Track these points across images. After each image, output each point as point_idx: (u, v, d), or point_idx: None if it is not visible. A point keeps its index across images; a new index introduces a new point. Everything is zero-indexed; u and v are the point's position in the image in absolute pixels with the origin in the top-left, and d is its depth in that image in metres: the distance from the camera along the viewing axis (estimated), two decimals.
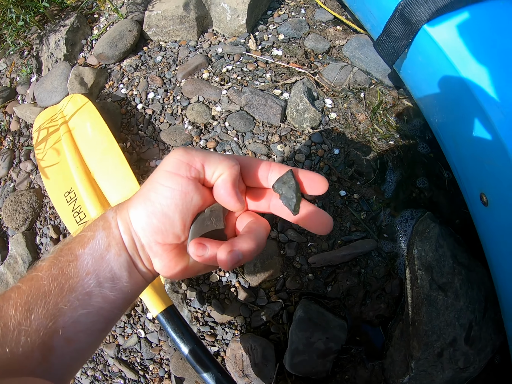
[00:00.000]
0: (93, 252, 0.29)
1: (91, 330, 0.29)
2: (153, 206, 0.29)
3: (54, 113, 0.92)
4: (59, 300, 0.27)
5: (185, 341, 0.61)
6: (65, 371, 0.28)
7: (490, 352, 0.71)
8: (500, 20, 0.59)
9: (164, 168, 0.29)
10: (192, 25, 0.91)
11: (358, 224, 0.73)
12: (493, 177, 0.59)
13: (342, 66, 0.82)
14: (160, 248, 0.30)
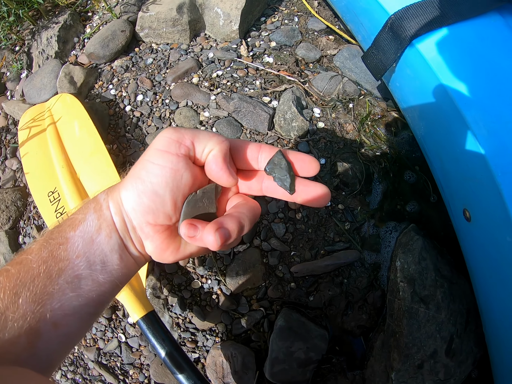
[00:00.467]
0: (84, 234, 0.29)
1: (79, 314, 0.28)
2: (144, 184, 0.28)
3: (42, 111, 0.91)
4: (47, 283, 0.27)
5: (165, 347, 0.60)
6: (52, 357, 0.28)
7: (471, 364, 0.72)
8: (488, 38, 0.60)
9: (154, 146, 0.29)
10: (184, 28, 0.91)
11: (341, 235, 0.73)
12: (476, 193, 0.59)
13: (332, 76, 0.82)
14: (151, 229, 0.30)
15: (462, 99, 0.58)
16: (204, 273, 0.72)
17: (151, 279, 0.73)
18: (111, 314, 0.77)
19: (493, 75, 0.57)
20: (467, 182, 0.61)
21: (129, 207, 0.29)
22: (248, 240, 0.72)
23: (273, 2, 1.00)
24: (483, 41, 0.59)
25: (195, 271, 0.73)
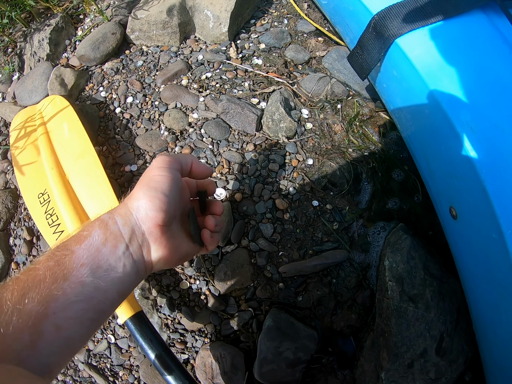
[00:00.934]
0: (89, 246, 0.32)
1: (81, 318, 0.30)
2: (155, 190, 0.35)
3: (33, 113, 0.91)
4: (52, 287, 0.29)
5: (153, 348, 0.60)
6: (52, 359, 0.29)
7: (463, 363, 0.72)
8: (471, 36, 0.60)
9: (155, 165, 0.37)
10: (174, 31, 0.92)
11: (330, 235, 0.73)
12: (461, 191, 0.60)
13: (321, 77, 0.83)
14: (159, 231, 0.35)
15: (446, 98, 0.58)
16: (192, 274, 0.72)
17: None
18: None
19: (477, 73, 0.57)
20: (452, 180, 0.61)
21: (142, 214, 0.35)
22: (236, 240, 0.72)
23: (263, 4, 1.00)
24: (466, 39, 0.60)
25: (184, 272, 0.73)
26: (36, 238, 0.85)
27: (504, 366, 0.60)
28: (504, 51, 0.58)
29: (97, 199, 0.75)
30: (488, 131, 0.54)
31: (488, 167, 0.53)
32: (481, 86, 0.57)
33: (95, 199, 0.75)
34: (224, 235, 0.71)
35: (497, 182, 0.52)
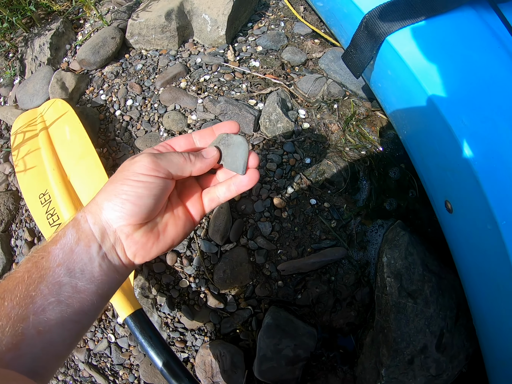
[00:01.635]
0: (64, 246, 0.32)
1: (61, 319, 0.30)
2: (127, 194, 0.32)
3: (34, 116, 0.93)
4: (30, 288, 0.29)
5: (153, 346, 0.61)
6: (38, 365, 0.29)
7: (464, 359, 0.72)
8: (461, 32, 0.61)
9: (135, 170, 0.33)
10: (173, 35, 0.93)
11: (328, 233, 0.74)
12: (455, 184, 0.61)
13: (317, 78, 0.84)
14: (131, 228, 0.33)
15: (437, 93, 0.59)
16: (191, 273, 0.73)
17: (139, 279, 0.74)
18: (100, 315, 0.77)
19: (467, 68, 0.58)
20: (446, 173, 0.62)
21: (111, 215, 0.33)
22: (235, 239, 0.73)
23: (260, 8, 1.02)
24: (456, 35, 0.61)
25: (183, 271, 0.74)
26: (37, 239, 0.86)
27: (505, 360, 0.60)
28: (493, 45, 0.59)
29: None
30: (480, 125, 0.55)
31: (480, 159, 0.54)
32: (471, 81, 0.57)
33: None
34: (222, 234, 0.72)
35: (489, 173, 0.53)
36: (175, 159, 0.35)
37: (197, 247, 0.74)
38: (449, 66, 0.59)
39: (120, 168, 0.35)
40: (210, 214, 0.76)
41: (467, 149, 0.55)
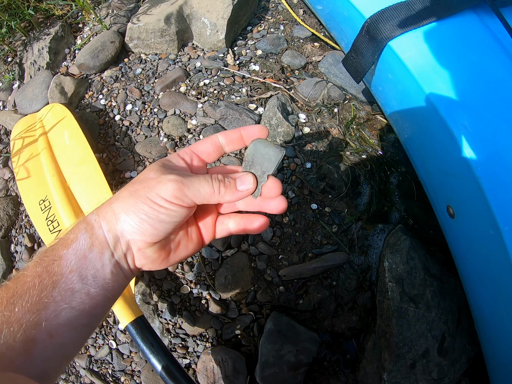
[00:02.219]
0: (76, 252, 0.31)
1: (73, 325, 0.30)
2: (148, 216, 0.32)
3: (33, 121, 0.92)
4: (42, 295, 0.29)
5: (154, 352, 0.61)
6: (48, 366, 0.29)
7: (466, 362, 0.72)
8: (463, 37, 0.61)
9: (159, 193, 0.32)
10: (172, 39, 0.93)
11: (329, 237, 0.74)
12: (458, 189, 0.60)
13: (317, 82, 0.84)
14: (144, 244, 0.33)
15: (439, 97, 0.59)
16: (193, 279, 0.73)
17: (140, 285, 0.74)
18: (101, 321, 0.77)
19: (469, 73, 0.58)
20: (448, 179, 0.62)
21: (127, 228, 0.32)
22: (236, 244, 0.73)
23: (260, 11, 1.02)
24: (458, 39, 0.61)
25: (184, 277, 0.73)
26: (37, 245, 0.85)
27: (507, 364, 0.60)
28: (495, 50, 0.58)
29: (97, 205, 0.75)
30: (482, 129, 0.55)
31: (482, 164, 0.54)
32: (473, 85, 0.57)
33: (95, 206, 0.76)
34: (223, 239, 0.72)
35: (491, 179, 0.53)
36: (203, 189, 0.33)
37: (198, 253, 0.73)
38: (450, 70, 0.59)
39: (143, 179, 0.33)
40: None
41: (468, 154, 0.55)
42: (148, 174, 0.34)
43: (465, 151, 0.56)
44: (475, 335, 0.68)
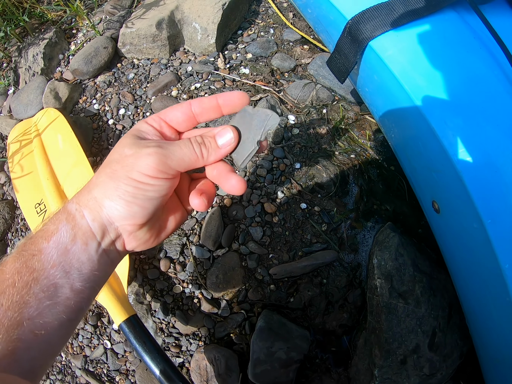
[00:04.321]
0: (58, 245, 0.29)
1: (59, 321, 0.29)
2: (134, 197, 0.30)
3: (29, 126, 0.94)
4: (23, 292, 0.27)
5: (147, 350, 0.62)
6: (35, 364, 0.28)
7: (458, 358, 0.72)
8: (443, 33, 0.62)
9: (140, 170, 0.29)
10: (164, 44, 0.95)
11: (319, 236, 0.75)
12: (441, 185, 0.62)
13: (306, 84, 0.85)
14: (135, 228, 0.31)
15: (419, 95, 0.60)
16: (185, 278, 0.74)
17: (134, 286, 0.75)
18: (96, 321, 0.78)
19: (449, 70, 0.59)
20: (432, 174, 0.63)
21: (115, 214, 0.30)
22: (227, 244, 0.74)
23: (250, 15, 1.04)
24: (438, 37, 0.61)
25: (177, 276, 0.75)
26: None
27: (499, 359, 0.61)
28: (475, 47, 0.59)
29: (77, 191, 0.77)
30: (462, 125, 0.56)
31: (463, 159, 0.55)
32: (453, 82, 0.58)
33: None
34: (214, 239, 0.73)
35: (473, 173, 0.54)
36: (186, 156, 0.31)
37: (190, 253, 0.75)
38: (430, 68, 0.60)
39: (118, 157, 0.30)
40: (202, 220, 0.77)
41: (450, 150, 0.56)
42: (123, 150, 0.30)
43: (446, 147, 0.57)
44: (467, 330, 0.69)
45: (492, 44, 0.58)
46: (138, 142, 0.31)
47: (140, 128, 0.33)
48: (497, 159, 0.53)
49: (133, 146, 0.30)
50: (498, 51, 0.57)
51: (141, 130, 0.33)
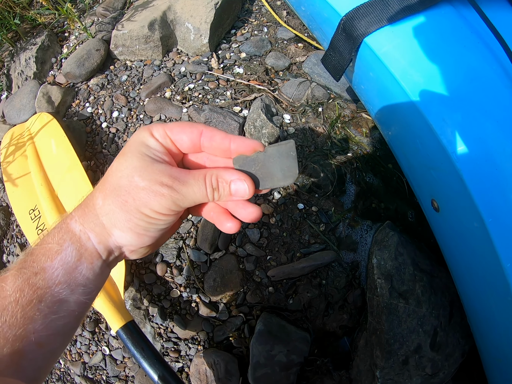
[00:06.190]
0: (64, 264, 0.29)
1: (63, 331, 0.30)
2: (146, 230, 0.31)
3: (22, 131, 0.93)
4: (28, 309, 0.28)
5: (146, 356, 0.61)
6: (39, 372, 0.29)
7: (460, 356, 0.72)
8: (439, 27, 0.60)
9: (151, 207, 0.29)
10: (157, 45, 0.94)
11: (317, 236, 0.74)
12: (440, 183, 0.61)
13: (301, 82, 0.84)
14: (139, 247, 0.33)
15: (416, 91, 0.59)
16: (182, 282, 0.73)
17: (131, 291, 0.74)
18: (94, 327, 0.77)
19: (446, 65, 0.57)
20: (430, 172, 0.62)
21: (123, 241, 0.31)
22: (224, 247, 0.73)
23: (243, 14, 1.03)
24: (434, 32, 0.60)
25: (174, 281, 0.74)
26: None
27: (501, 358, 0.60)
28: (472, 41, 0.58)
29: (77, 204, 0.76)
30: (461, 121, 0.55)
31: (463, 157, 0.54)
32: (451, 77, 0.57)
33: None
34: (211, 242, 0.72)
35: (473, 171, 0.53)
36: (196, 198, 0.31)
37: (187, 257, 0.74)
38: (427, 63, 0.59)
39: (128, 185, 0.29)
40: (198, 223, 0.76)
41: (449, 147, 0.55)
42: (132, 177, 0.29)
43: (445, 144, 0.56)
44: (469, 329, 0.68)
45: (490, 38, 0.57)
46: (149, 168, 0.30)
47: (148, 143, 0.31)
48: (498, 156, 0.52)
49: (144, 174, 0.29)
50: (496, 45, 0.55)
51: (150, 147, 0.31)
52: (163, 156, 0.32)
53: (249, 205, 0.34)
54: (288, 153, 0.31)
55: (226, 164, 0.35)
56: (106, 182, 0.31)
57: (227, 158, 0.34)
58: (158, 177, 0.29)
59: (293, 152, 0.31)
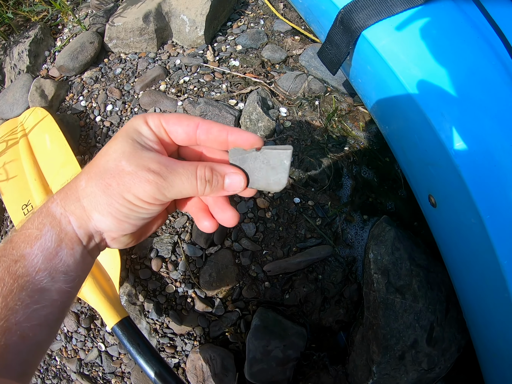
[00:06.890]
0: (43, 250, 0.28)
1: (47, 321, 0.29)
2: (127, 217, 0.30)
3: (15, 126, 0.92)
4: (8, 299, 0.27)
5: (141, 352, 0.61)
6: (25, 366, 0.28)
7: (456, 351, 0.72)
8: (438, 21, 0.60)
9: (136, 194, 0.28)
10: (151, 37, 0.92)
11: (313, 231, 0.74)
12: (438, 178, 0.60)
13: (297, 75, 0.83)
14: (119, 235, 0.32)
15: (415, 85, 0.58)
16: (177, 277, 0.73)
17: (126, 286, 0.73)
18: (89, 324, 0.77)
19: (445, 60, 0.57)
20: (428, 167, 0.62)
21: (103, 226, 0.30)
22: (219, 241, 0.72)
23: (239, 6, 1.01)
24: (433, 26, 0.59)
25: (169, 276, 0.73)
26: None
27: (496, 353, 0.60)
28: (472, 36, 0.57)
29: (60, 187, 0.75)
30: (459, 116, 0.54)
31: (461, 152, 0.53)
32: (450, 72, 0.56)
33: None
34: (206, 237, 0.72)
35: (471, 166, 0.52)
36: (185, 190, 0.30)
37: (182, 252, 0.73)
38: (427, 59, 0.58)
39: (114, 169, 0.28)
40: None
41: (447, 142, 0.55)
42: (120, 160, 0.29)
43: (443, 140, 0.55)
44: (465, 324, 0.68)
45: (490, 33, 0.56)
46: (137, 154, 0.29)
47: (140, 129, 0.31)
48: (496, 152, 0.51)
49: (131, 159, 0.29)
50: (496, 40, 0.55)
51: (142, 134, 0.31)
52: (154, 145, 0.31)
53: (227, 208, 0.34)
54: (282, 161, 0.30)
55: (222, 157, 0.34)
56: (92, 165, 0.30)
57: (224, 151, 0.33)
58: (146, 163, 0.29)
59: (287, 161, 0.30)
